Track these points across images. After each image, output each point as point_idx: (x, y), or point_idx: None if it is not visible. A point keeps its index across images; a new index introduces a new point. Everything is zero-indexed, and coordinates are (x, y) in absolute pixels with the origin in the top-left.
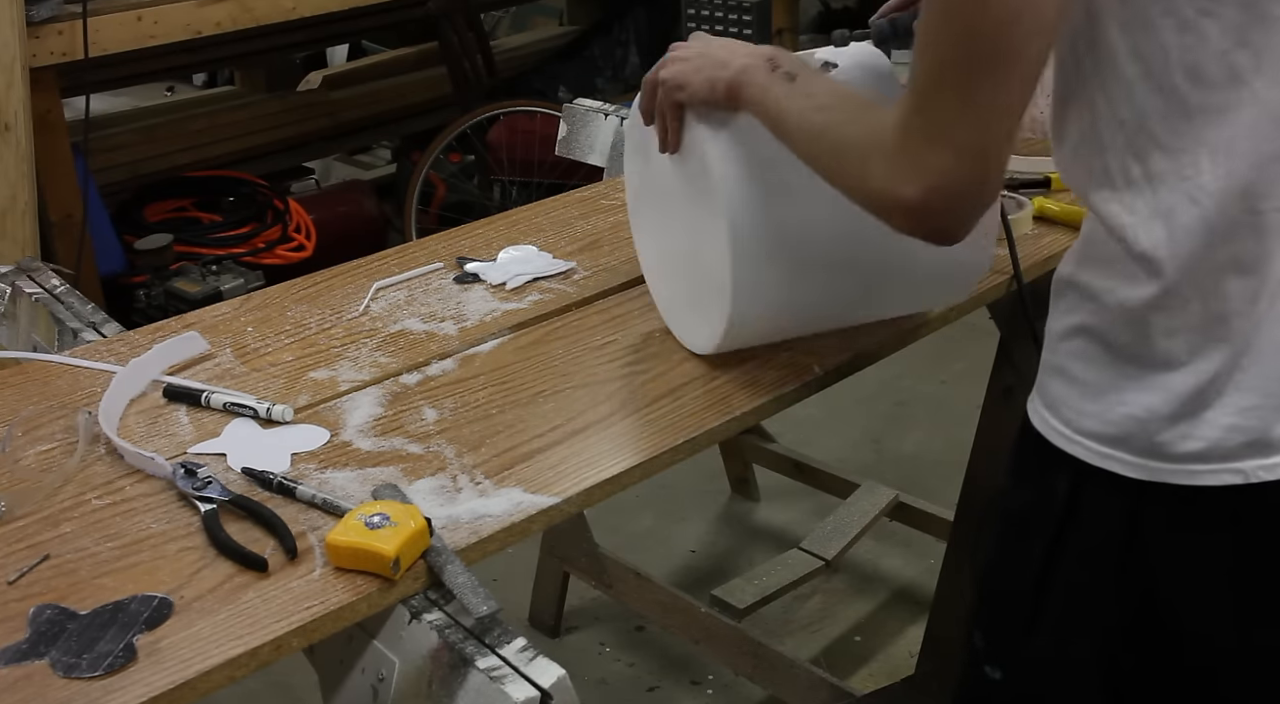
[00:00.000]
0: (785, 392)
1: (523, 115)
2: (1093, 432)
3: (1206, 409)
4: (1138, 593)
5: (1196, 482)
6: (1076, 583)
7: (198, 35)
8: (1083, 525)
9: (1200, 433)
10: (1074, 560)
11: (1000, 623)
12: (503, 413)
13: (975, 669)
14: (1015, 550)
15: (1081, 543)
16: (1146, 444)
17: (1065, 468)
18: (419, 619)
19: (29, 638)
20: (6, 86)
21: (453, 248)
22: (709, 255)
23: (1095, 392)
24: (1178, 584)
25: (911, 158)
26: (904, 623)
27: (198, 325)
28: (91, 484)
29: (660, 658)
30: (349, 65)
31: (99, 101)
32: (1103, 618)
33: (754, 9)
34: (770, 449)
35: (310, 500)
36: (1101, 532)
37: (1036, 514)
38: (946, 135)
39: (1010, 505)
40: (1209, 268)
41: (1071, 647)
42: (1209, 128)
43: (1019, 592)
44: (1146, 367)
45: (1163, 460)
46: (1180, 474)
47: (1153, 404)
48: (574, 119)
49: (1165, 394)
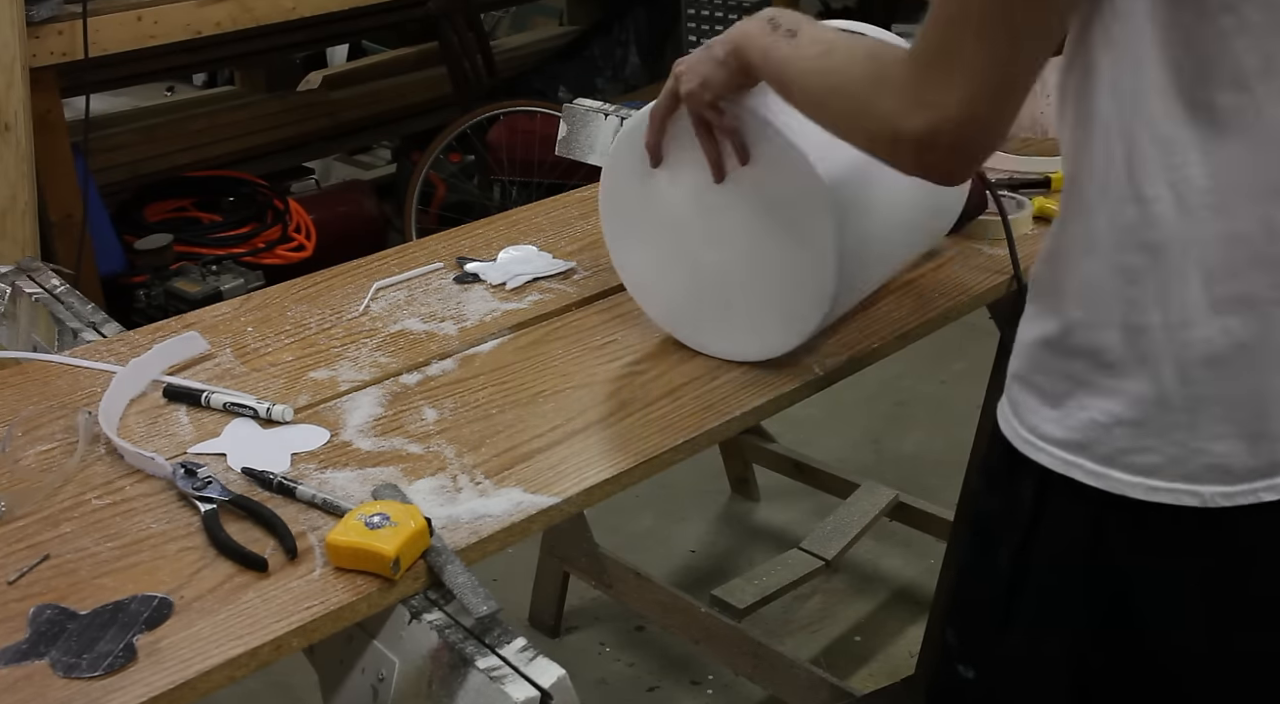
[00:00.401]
0: (785, 392)
1: (523, 115)
2: (1055, 438)
3: (1174, 426)
4: (1106, 597)
5: (1152, 498)
6: (1046, 586)
7: (198, 35)
8: (1049, 531)
9: (1162, 448)
10: (1043, 564)
11: (973, 623)
12: (503, 413)
13: (948, 667)
14: (986, 553)
15: (1049, 547)
16: (1108, 452)
17: (1031, 473)
18: (419, 619)
19: (29, 638)
20: (6, 86)
21: (453, 248)
22: (771, 262)
23: (1056, 397)
24: (1145, 591)
25: (922, 89)
26: (904, 623)
27: (198, 325)
28: (91, 484)
29: (660, 658)
30: (349, 65)
31: (99, 101)
32: (1072, 619)
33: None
34: (770, 449)
35: (310, 500)
36: (1067, 537)
37: (1005, 518)
38: (959, 64)
39: (981, 509)
40: (1176, 267)
41: (1042, 647)
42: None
43: (991, 593)
44: (1104, 370)
45: (1122, 471)
46: (1138, 489)
47: (1113, 410)
48: (574, 119)
49: (1125, 400)
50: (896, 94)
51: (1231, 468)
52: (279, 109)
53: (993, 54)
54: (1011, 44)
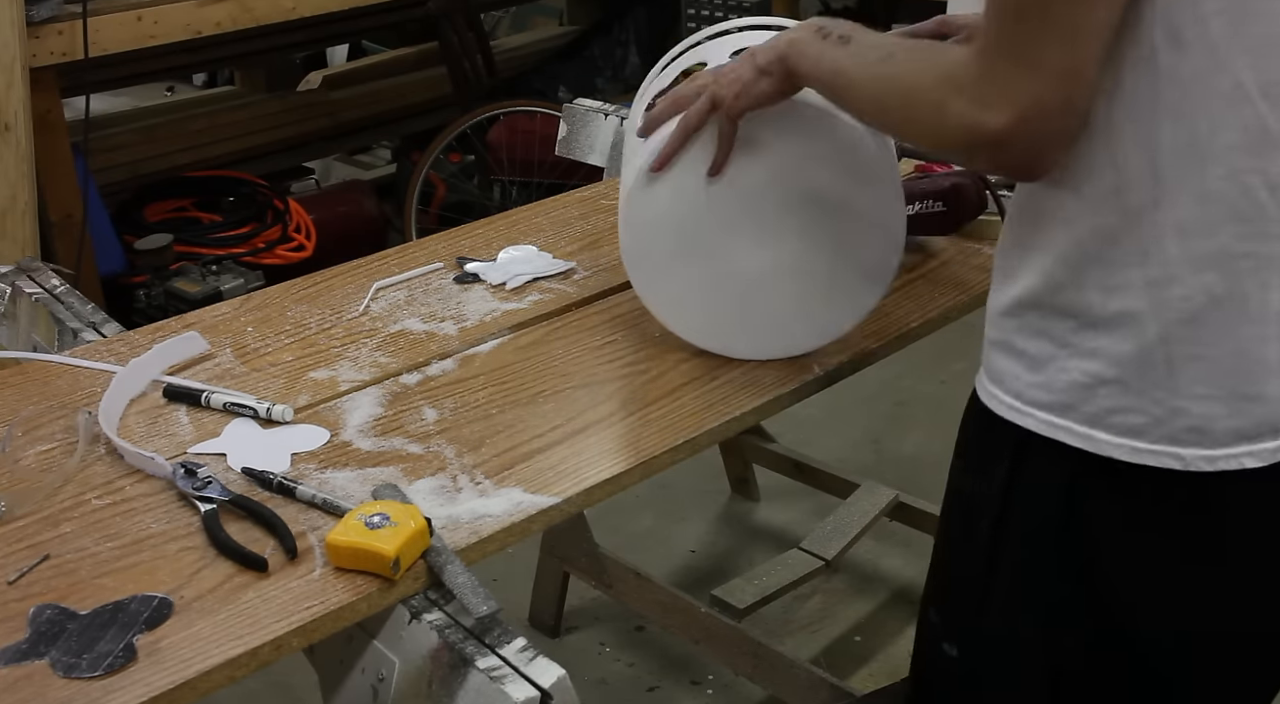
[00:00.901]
0: (785, 391)
1: (523, 115)
2: (1039, 401)
3: (1153, 385)
4: (1078, 568)
5: (1136, 459)
6: (1020, 560)
7: (198, 35)
8: (1023, 505)
9: (1145, 408)
10: (1018, 537)
11: (954, 601)
12: (503, 413)
13: (932, 646)
14: (965, 529)
15: (1025, 519)
16: (1093, 412)
17: (1009, 442)
18: (419, 619)
19: (29, 638)
20: (6, 86)
21: (453, 248)
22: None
23: (1038, 362)
24: (1115, 559)
25: (994, 86)
26: (904, 623)
27: (198, 325)
28: (91, 484)
29: (660, 658)
30: (349, 65)
31: (99, 101)
32: (1046, 595)
33: (754, 9)
34: (770, 449)
35: (310, 500)
36: (1042, 508)
37: (982, 492)
38: (1033, 56)
39: (959, 486)
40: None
41: (1019, 624)
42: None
43: (971, 570)
44: (1084, 329)
45: (1106, 431)
46: (1123, 450)
47: (1095, 370)
48: (574, 119)
49: (1106, 360)
50: (967, 94)
51: (1211, 430)
52: (279, 109)
53: (1058, 45)
54: (1075, 33)
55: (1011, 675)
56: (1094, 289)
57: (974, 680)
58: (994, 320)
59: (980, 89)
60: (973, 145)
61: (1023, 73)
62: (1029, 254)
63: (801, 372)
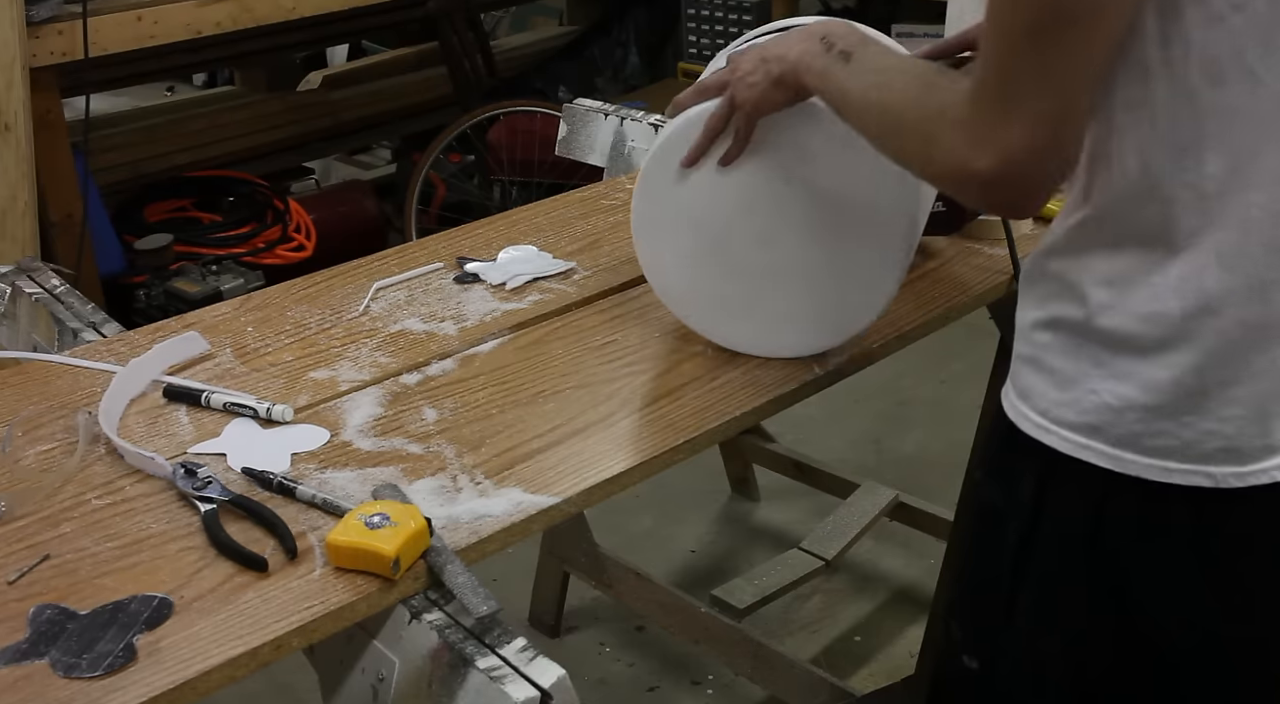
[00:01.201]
0: (785, 392)
1: (523, 115)
2: (1067, 421)
3: (1186, 410)
4: (1107, 585)
5: (1166, 479)
6: (1048, 574)
7: (198, 35)
8: (1051, 521)
9: (1176, 432)
10: (1045, 552)
11: (978, 614)
12: (503, 413)
13: (953, 659)
14: (990, 543)
15: (1052, 535)
16: (1121, 434)
17: (1036, 459)
18: (419, 619)
19: (29, 638)
20: (6, 86)
21: (453, 248)
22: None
23: (1068, 381)
24: (1144, 577)
25: (984, 127)
26: (904, 623)
27: (198, 325)
28: (91, 484)
29: (660, 658)
30: (349, 65)
31: (99, 101)
32: (1074, 610)
33: (754, 9)
34: (770, 449)
35: (310, 500)
36: (1069, 525)
37: (1008, 506)
38: (1021, 102)
39: (983, 498)
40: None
41: (1044, 639)
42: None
43: (995, 583)
44: (1119, 354)
45: (1136, 453)
46: (1151, 470)
47: (1126, 393)
48: (574, 119)
49: (1138, 384)
50: (958, 133)
51: (1244, 448)
52: (279, 109)
53: (1050, 91)
54: (1067, 79)
55: (1034, 690)
56: (1132, 316)
57: (995, 694)
58: (1025, 334)
59: (970, 130)
60: (961, 183)
61: (1013, 117)
62: (1067, 276)
63: (801, 371)
